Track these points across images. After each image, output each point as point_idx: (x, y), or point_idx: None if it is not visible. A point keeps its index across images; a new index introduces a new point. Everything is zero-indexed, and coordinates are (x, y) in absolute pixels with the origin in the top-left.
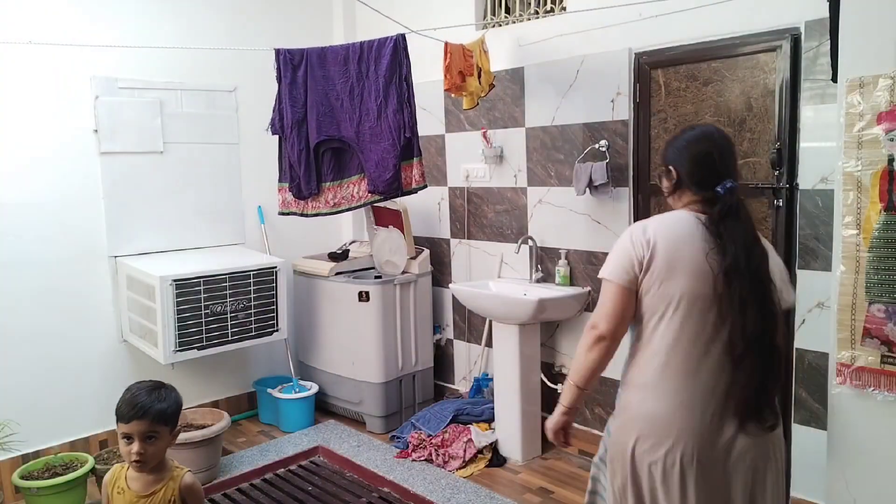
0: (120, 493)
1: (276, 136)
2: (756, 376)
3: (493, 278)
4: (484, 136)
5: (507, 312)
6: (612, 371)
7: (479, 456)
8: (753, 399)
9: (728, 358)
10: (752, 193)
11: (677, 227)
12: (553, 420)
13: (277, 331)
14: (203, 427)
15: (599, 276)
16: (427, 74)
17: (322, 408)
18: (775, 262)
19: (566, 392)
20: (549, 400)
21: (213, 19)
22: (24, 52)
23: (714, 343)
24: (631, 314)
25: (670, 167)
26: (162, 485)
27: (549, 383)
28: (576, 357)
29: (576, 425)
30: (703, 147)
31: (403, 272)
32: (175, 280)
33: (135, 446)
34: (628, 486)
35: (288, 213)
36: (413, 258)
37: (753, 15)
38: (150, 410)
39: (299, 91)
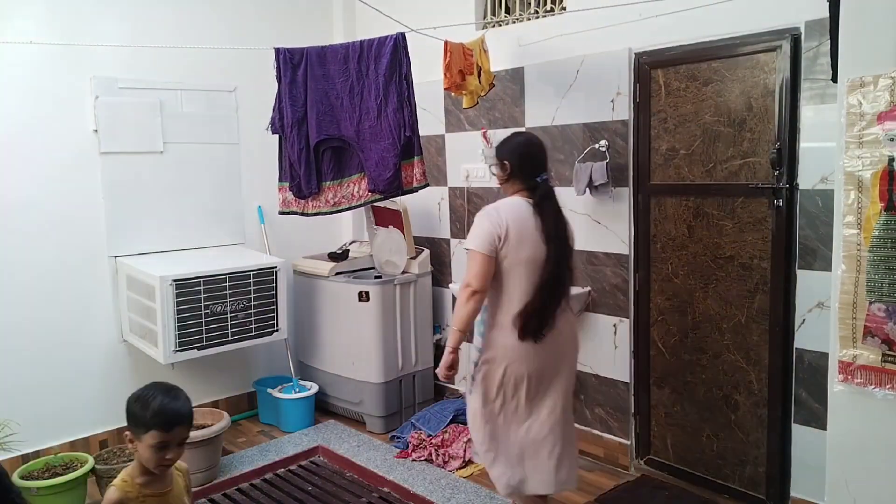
0: (145, 502)
1: (277, 136)
2: (543, 301)
3: None
4: (484, 135)
5: None
6: (610, 371)
7: None
8: (537, 314)
9: (538, 292)
10: (752, 193)
11: (519, 210)
12: (445, 360)
13: (277, 331)
14: (203, 427)
15: (466, 247)
16: (427, 74)
17: (322, 408)
18: (571, 228)
19: (452, 337)
20: None
21: (213, 19)
22: (24, 52)
23: (535, 286)
24: (492, 274)
25: (505, 161)
26: (172, 477)
27: None
28: (457, 310)
29: (576, 425)
30: (529, 149)
31: (403, 272)
32: (175, 280)
33: (171, 453)
34: (502, 387)
35: (288, 213)
36: (413, 258)
37: (753, 15)
38: (189, 415)
39: (299, 90)
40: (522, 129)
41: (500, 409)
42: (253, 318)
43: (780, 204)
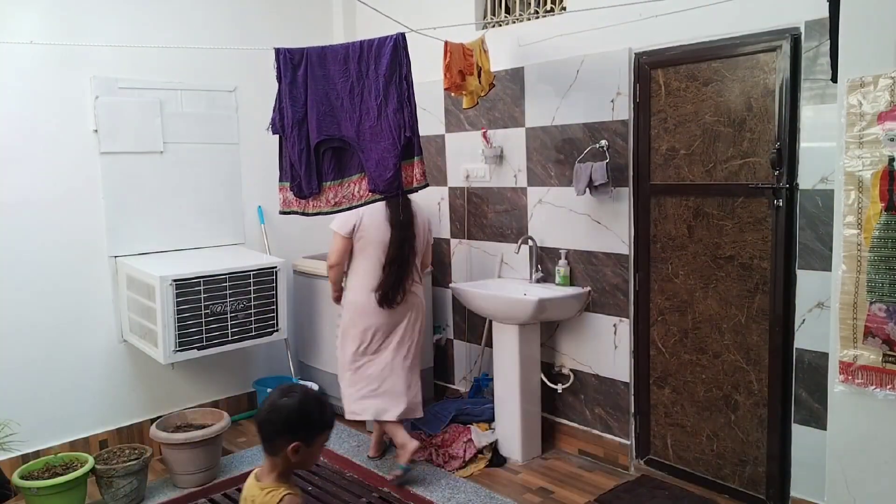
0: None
1: (277, 136)
2: (395, 277)
3: (493, 278)
4: (484, 136)
5: (507, 312)
6: (610, 371)
7: (479, 456)
8: (392, 288)
9: (386, 268)
10: (752, 193)
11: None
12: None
13: (277, 331)
14: (203, 427)
15: (331, 228)
16: (427, 74)
17: None
18: (423, 220)
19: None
20: (549, 400)
21: (213, 19)
22: (24, 52)
23: (383, 263)
24: (348, 251)
25: None
26: None
27: (549, 383)
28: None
29: (576, 425)
30: None
31: None
32: (175, 280)
33: None
34: (358, 332)
35: (289, 213)
36: None
37: (753, 15)
38: None
39: (299, 90)
40: None
41: (356, 353)
42: (253, 318)
43: (780, 204)
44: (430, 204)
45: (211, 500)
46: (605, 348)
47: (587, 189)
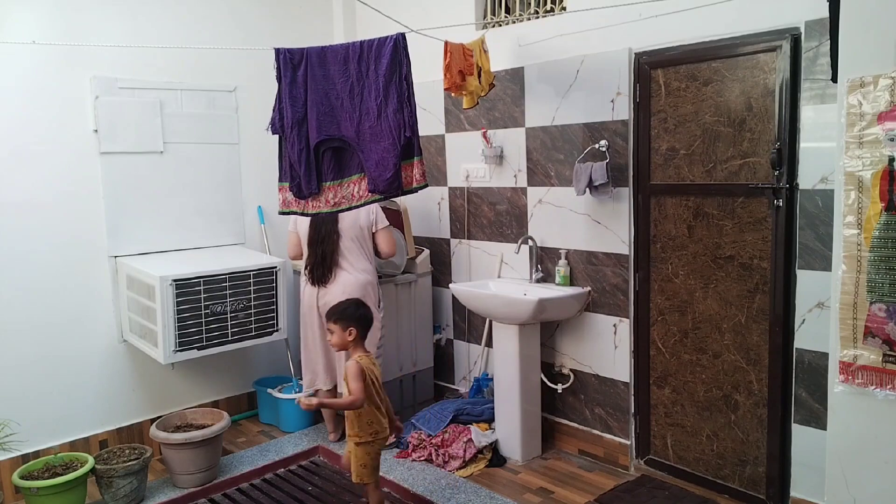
0: None
1: (277, 136)
2: (318, 256)
3: (493, 278)
4: (484, 136)
5: (507, 312)
6: (610, 371)
7: (479, 456)
8: (321, 269)
9: (309, 248)
10: (752, 193)
11: None
12: None
13: (277, 331)
14: (203, 427)
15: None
16: (427, 74)
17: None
18: (356, 214)
19: None
20: (549, 400)
21: (213, 19)
22: (25, 51)
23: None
24: (297, 244)
25: None
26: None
27: (549, 383)
28: None
29: (576, 425)
30: None
31: (403, 272)
32: (175, 280)
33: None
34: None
35: (289, 213)
36: (413, 258)
37: (753, 15)
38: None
39: (299, 90)
40: None
41: (304, 331)
42: (253, 318)
43: (780, 204)
44: (430, 204)
45: (211, 500)
46: (605, 348)
47: (587, 189)
